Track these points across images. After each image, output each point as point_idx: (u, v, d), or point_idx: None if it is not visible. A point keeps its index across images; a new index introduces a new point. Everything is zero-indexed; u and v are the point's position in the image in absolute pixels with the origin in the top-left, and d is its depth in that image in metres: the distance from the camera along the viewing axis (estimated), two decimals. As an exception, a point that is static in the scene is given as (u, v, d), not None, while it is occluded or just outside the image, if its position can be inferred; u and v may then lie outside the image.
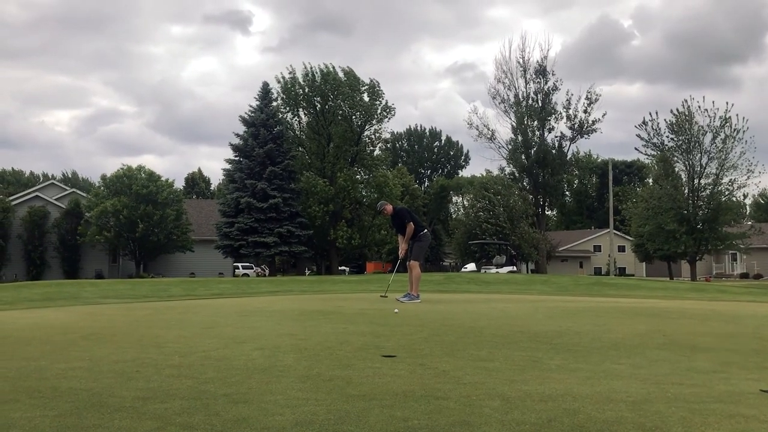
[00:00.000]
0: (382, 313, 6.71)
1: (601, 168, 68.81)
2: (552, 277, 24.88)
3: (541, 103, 49.73)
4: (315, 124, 44.86)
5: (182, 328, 5.33)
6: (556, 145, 50.41)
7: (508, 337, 4.74)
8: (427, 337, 4.77)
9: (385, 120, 44.74)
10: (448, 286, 17.61)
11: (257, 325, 5.58)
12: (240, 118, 42.62)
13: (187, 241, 43.05)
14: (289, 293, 13.38)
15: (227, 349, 4.13)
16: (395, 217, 8.91)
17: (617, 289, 17.35)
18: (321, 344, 4.32)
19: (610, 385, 3.11)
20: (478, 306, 8.30)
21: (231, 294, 13.21)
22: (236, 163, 42.14)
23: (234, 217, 40.29)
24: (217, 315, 6.63)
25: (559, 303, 9.14)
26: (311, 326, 5.44)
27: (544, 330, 5.22)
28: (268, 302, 9.18)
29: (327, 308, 7.47)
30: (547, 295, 13.39)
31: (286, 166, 41.27)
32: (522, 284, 18.94)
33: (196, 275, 40.25)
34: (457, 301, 9.49)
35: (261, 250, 39.60)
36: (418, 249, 8.79)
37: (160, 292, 13.73)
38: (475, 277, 23.12)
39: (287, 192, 40.95)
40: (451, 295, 12.55)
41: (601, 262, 61.19)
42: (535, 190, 50.82)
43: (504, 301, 9.44)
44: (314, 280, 23.50)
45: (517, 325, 5.56)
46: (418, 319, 6.11)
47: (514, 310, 7.50)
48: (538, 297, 11.73)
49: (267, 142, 40.83)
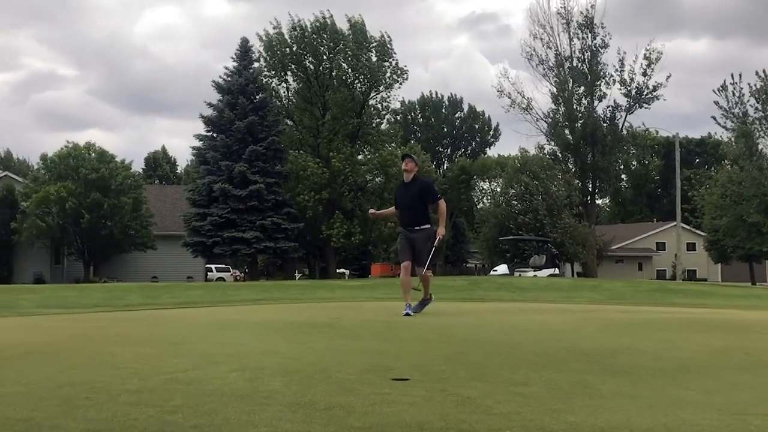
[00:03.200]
0: (391, 326, 6.71)
1: (665, 146, 68.50)
2: (604, 282, 24.80)
3: (588, 64, 49.49)
4: (307, 91, 44.83)
5: (142, 344, 5.36)
6: (608, 117, 50.15)
7: (549, 356, 4.74)
8: (448, 355, 4.77)
9: (395, 85, 44.70)
10: (473, 293, 17.59)
11: (236, 340, 5.59)
12: (213, 83, 42.65)
13: (148, 238, 43.19)
14: (275, 301, 13.42)
15: (198, 370, 4.14)
16: (420, 185, 8.22)
17: (686, 296, 17.28)
18: (315, 365, 4.33)
19: (677, 415, 3.11)
20: (512, 317, 8.28)
21: (203, 302, 13.27)
22: (208, 139, 42.18)
23: (206, 207, 40.39)
24: (186, 328, 6.65)
25: (613, 314, 9.11)
26: (303, 342, 5.45)
27: (594, 347, 5.21)
28: (249, 313, 9.19)
29: (322, 320, 7.47)
30: (598, 304, 13.36)
31: (271, 144, 41.30)
32: (566, 291, 18.87)
33: (160, 279, 40.42)
34: (486, 312, 9.47)
35: (240, 247, 39.73)
36: (430, 252, 8.14)
37: (114, 301, 13.81)
38: (508, 281, 23.08)
39: (272, 176, 40.99)
40: (478, 303, 12.53)
41: (665, 263, 61.02)
42: (582, 173, 50.64)
43: (544, 312, 9.42)
44: (306, 285, 23.52)
45: (560, 341, 5.55)
46: (437, 334, 6.11)
47: (557, 322, 7.49)
48: (587, 306, 11.70)
49: (247, 114, 40.83)
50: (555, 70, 49.56)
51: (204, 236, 39.96)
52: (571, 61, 49.86)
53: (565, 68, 49.55)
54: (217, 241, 39.79)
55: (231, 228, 39.65)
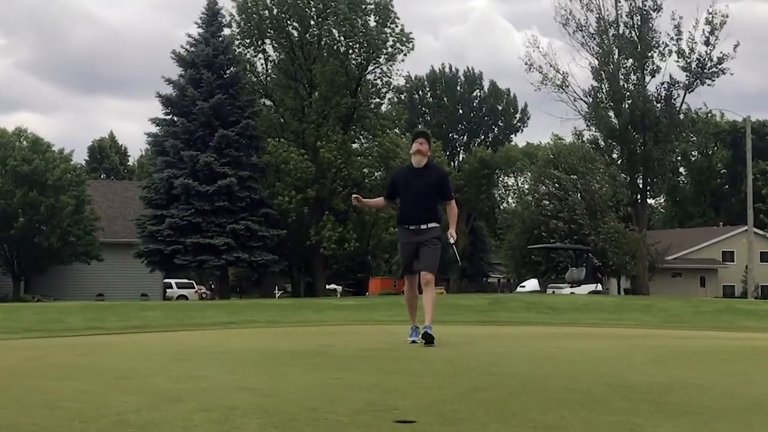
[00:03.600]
0: (394, 355, 6.70)
1: (733, 132, 68.49)
2: (657, 301, 24.75)
3: (637, 30, 49.51)
4: (290, 64, 44.91)
5: (85, 378, 5.35)
6: (663, 96, 50.12)
7: (589, 393, 4.73)
8: (464, 392, 4.76)
9: (398, 57, 44.75)
10: (495, 315, 17.56)
11: (201, 373, 5.59)
12: (173, 54, 42.75)
13: (93, 246, 43.23)
14: (249, 325, 13.40)
15: (154, 410, 4.13)
16: (435, 174, 8.06)
17: (759, 319, 17.25)
18: (300, 403, 4.32)
19: (749, 467, 3.10)
20: (543, 344, 8.25)
21: (160, 327, 13.25)
22: (167, 124, 42.25)
23: (164, 208, 40.44)
24: (139, 358, 6.64)
25: (668, 340, 9.09)
26: (284, 375, 5.44)
27: (645, 382, 5.20)
28: (217, 339, 9.17)
29: (309, 348, 7.46)
30: (650, 327, 13.35)
31: (245, 129, 41.36)
32: (611, 312, 18.84)
33: (107, 298, 40.43)
34: (511, 338, 9.45)
35: (206, 258, 39.75)
36: (438, 254, 7.91)
37: (51, 324, 13.79)
38: (538, 300, 23.05)
39: (246, 168, 41.05)
40: (501, 327, 12.51)
41: (734, 277, 60.96)
42: (630, 165, 50.64)
43: (583, 338, 9.40)
44: (289, 304, 23.45)
45: (603, 375, 5.54)
46: (451, 365, 6.10)
47: (599, 351, 7.47)
48: (636, 331, 11.68)
49: (215, 92, 40.90)
50: (597, 38, 49.64)
51: (162, 244, 39.97)
52: (617, 27, 49.94)
53: (609, 36, 49.60)
54: (178, 249, 39.80)
55: (195, 234, 39.68)
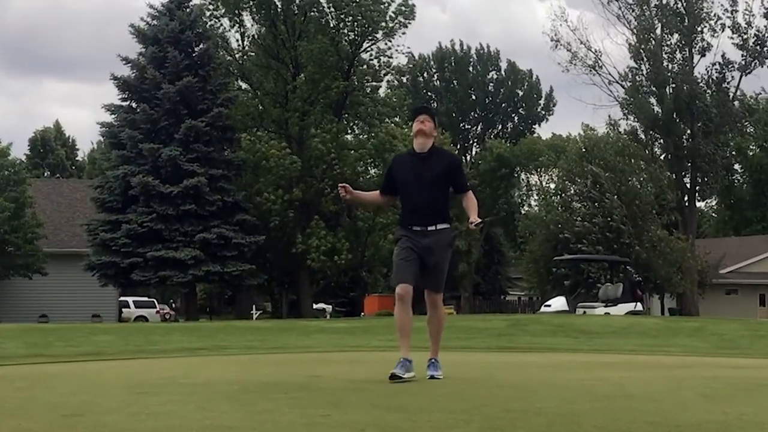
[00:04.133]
0: (395, 389, 6.68)
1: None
2: (709, 323, 24.72)
3: (684, 1, 49.52)
4: (271, 40, 44.93)
5: (25, 415, 5.33)
6: (714, 80, 50.12)
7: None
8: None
9: (398, 31, 44.83)
10: (516, 339, 17.55)
11: (165, 409, 5.57)
12: (131, 29, 42.78)
13: (35, 257, 43.16)
14: (222, 351, 13.38)
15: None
16: (443, 160, 7.58)
17: (831, 344, 17.22)
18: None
19: None
20: (573, 375, 8.23)
21: (115, 353, 13.24)
22: (124, 111, 42.26)
23: (120, 212, 40.41)
24: (89, 392, 6.62)
25: (723, 370, 9.07)
26: (264, 413, 5.42)
27: (695, 419, 5.19)
28: (183, 368, 9.15)
29: (293, 379, 7.45)
30: (701, 355, 13.33)
31: (217, 117, 41.38)
32: (653, 336, 18.84)
33: (51, 319, 40.39)
34: (534, 367, 9.43)
35: (170, 273, 39.70)
36: (447, 267, 7.54)
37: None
38: (566, 322, 23.03)
39: (218, 165, 41.05)
40: (523, 355, 12.49)
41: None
42: (675, 161, 50.64)
43: (621, 368, 9.38)
44: (269, 327, 23.41)
45: (645, 412, 5.53)
46: (463, 400, 6.08)
47: (640, 383, 7.46)
48: (684, 359, 11.67)
49: (182, 74, 40.91)
50: (636, 9, 49.64)
51: (117, 255, 39.95)
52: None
53: (651, 7, 49.63)
54: (137, 262, 39.77)
55: (157, 243, 39.64)
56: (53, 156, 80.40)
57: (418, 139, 7.45)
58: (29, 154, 77.91)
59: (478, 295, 70.60)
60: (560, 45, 51.24)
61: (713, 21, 49.57)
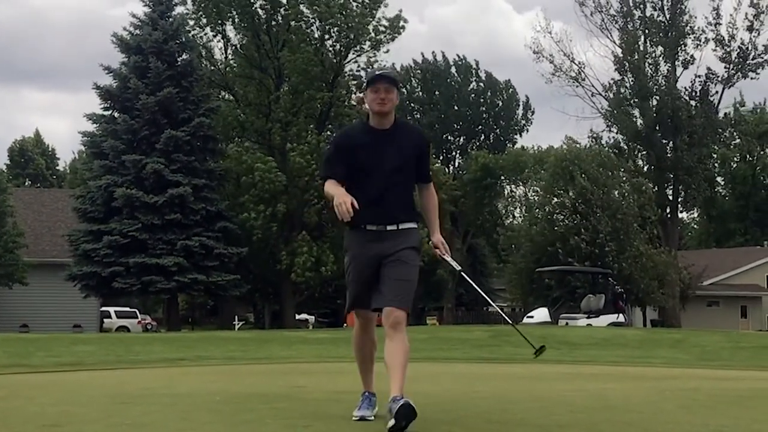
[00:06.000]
0: (377, 399, 6.67)
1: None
2: (691, 335, 24.81)
3: (668, 12, 49.78)
4: (254, 51, 44.87)
5: (4, 426, 5.30)
6: (698, 92, 50.35)
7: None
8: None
9: (384, 43, 44.91)
10: (497, 350, 17.55)
11: (146, 420, 5.55)
12: (114, 38, 42.69)
13: (16, 267, 42.91)
14: (204, 362, 13.35)
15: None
16: (408, 136, 5.78)
17: (811, 356, 17.29)
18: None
19: None
20: (555, 387, 8.24)
21: (96, 364, 13.18)
22: (106, 121, 42.12)
23: (103, 222, 40.25)
24: (72, 402, 6.59)
25: (704, 382, 9.10)
26: (246, 424, 5.41)
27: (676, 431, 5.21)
28: (164, 379, 9.12)
29: (276, 390, 7.43)
30: (683, 366, 13.38)
31: (199, 128, 41.28)
32: (635, 347, 18.89)
33: (32, 329, 40.18)
34: (517, 378, 9.44)
35: (153, 280, 39.50)
36: (415, 276, 5.65)
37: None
38: (549, 333, 23.06)
39: (201, 175, 40.95)
40: (505, 366, 12.49)
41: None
42: (658, 173, 50.78)
43: (602, 379, 9.41)
44: (251, 338, 23.34)
45: (626, 424, 5.54)
46: (444, 411, 6.08)
47: (621, 395, 7.48)
48: (666, 371, 11.70)
49: (164, 84, 40.83)
50: (620, 21, 49.87)
51: (99, 265, 39.77)
52: (644, 8, 50.19)
53: (635, 19, 49.86)
54: (119, 271, 39.58)
55: (140, 252, 39.48)
56: (33, 165, 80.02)
57: (376, 113, 5.62)
58: (9, 163, 77.56)
59: (460, 306, 70.51)
60: (542, 56, 51.44)
61: (697, 33, 49.91)
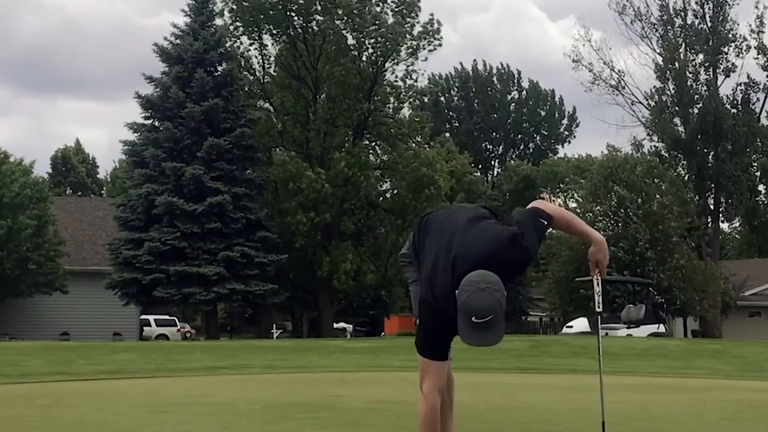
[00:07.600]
0: (414, 409, 6.64)
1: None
2: (732, 346, 24.53)
3: (710, 21, 49.37)
4: (292, 60, 44.97)
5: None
6: (740, 100, 49.88)
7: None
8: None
9: (422, 52, 44.84)
10: (536, 361, 17.45)
11: (185, 429, 5.58)
12: (155, 48, 42.88)
13: (56, 275, 43.26)
14: (242, 370, 13.38)
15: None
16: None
17: None
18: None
19: None
20: (595, 397, 8.18)
21: (136, 372, 13.26)
22: (148, 130, 42.35)
23: (143, 231, 40.39)
24: (110, 410, 6.63)
25: (746, 393, 9.00)
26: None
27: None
28: (204, 387, 9.16)
29: (314, 399, 7.44)
30: (724, 378, 13.23)
31: (240, 137, 41.38)
32: (676, 358, 18.72)
33: (73, 337, 40.48)
34: (556, 389, 9.38)
35: (194, 290, 39.58)
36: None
37: (6, 368, 13.82)
38: (588, 343, 22.87)
39: (241, 184, 41.02)
40: (545, 377, 12.42)
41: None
42: (699, 182, 50.32)
43: (643, 390, 9.33)
44: (289, 346, 23.39)
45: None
46: (484, 421, 6.06)
47: (663, 406, 7.42)
48: (707, 382, 11.58)
49: (207, 94, 40.93)
50: (660, 29, 49.52)
51: (139, 272, 39.84)
52: (685, 15, 49.82)
53: (675, 27, 49.48)
54: (160, 279, 39.62)
55: (180, 261, 39.51)
56: (74, 174, 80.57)
57: None
58: (51, 172, 78.18)
59: (502, 318, 70.27)
60: (581, 64, 51.14)
61: (739, 41, 49.32)
